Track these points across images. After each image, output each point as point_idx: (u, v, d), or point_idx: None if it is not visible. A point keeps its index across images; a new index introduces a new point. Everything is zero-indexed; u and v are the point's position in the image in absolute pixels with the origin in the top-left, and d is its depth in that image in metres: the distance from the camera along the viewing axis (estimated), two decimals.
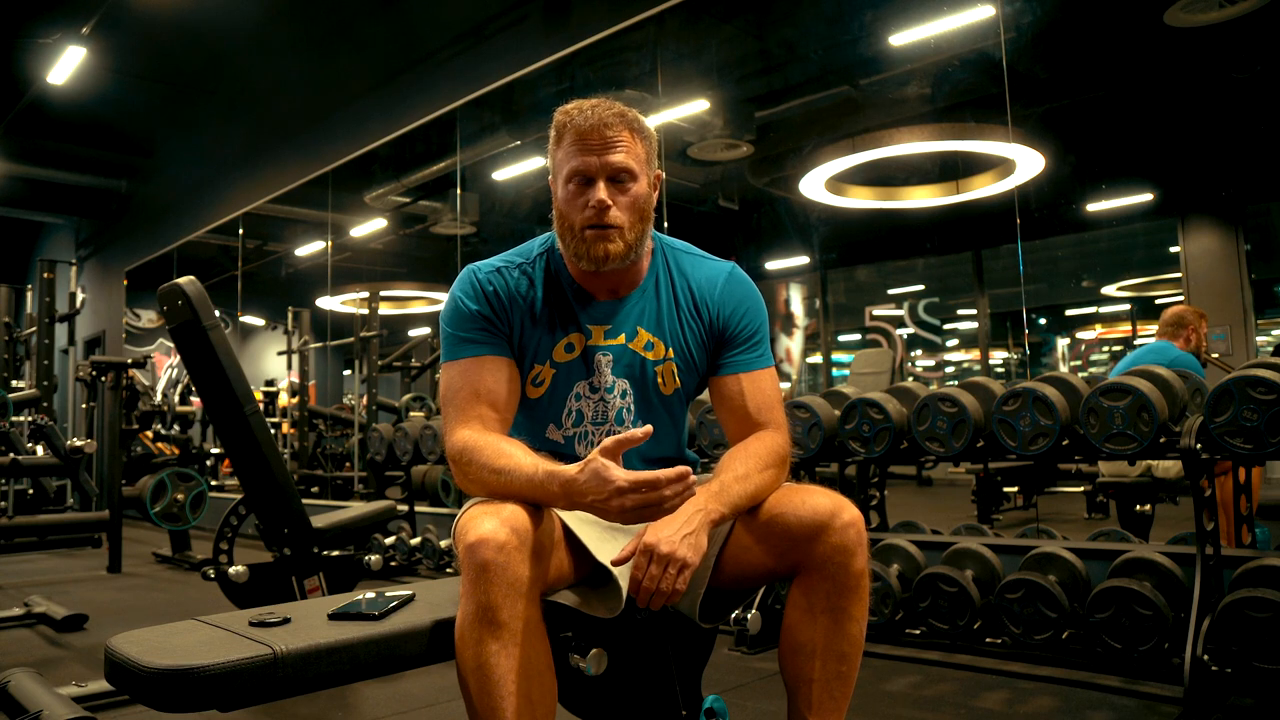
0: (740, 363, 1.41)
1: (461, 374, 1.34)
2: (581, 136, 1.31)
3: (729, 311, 1.42)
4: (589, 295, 1.40)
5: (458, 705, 1.25)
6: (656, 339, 1.41)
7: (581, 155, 1.31)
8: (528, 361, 1.39)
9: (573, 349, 1.39)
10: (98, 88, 7.60)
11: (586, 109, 1.33)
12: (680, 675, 1.38)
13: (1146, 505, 3.68)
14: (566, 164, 1.33)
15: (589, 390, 1.40)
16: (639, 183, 1.34)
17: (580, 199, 1.32)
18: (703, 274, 1.44)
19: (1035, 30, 4.44)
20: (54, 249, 11.47)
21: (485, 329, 1.35)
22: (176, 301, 2.43)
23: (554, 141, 1.36)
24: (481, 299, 1.36)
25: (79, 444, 4.82)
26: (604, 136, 1.31)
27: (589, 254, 1.32)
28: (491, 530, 1.10)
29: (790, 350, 10.49)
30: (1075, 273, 9.69)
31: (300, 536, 2.69)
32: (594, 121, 1.31)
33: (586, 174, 1.31)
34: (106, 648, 1.09)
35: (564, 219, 1.34)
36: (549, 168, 1.39)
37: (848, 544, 1.22)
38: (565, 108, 1.36)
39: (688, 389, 1.44)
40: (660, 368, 1.41)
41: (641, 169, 1.34)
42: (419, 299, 10.09)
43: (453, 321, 1.37)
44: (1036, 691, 2.35)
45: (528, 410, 1.41)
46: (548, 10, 5.09)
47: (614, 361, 1.39)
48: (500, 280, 1.38)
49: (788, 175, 7.17)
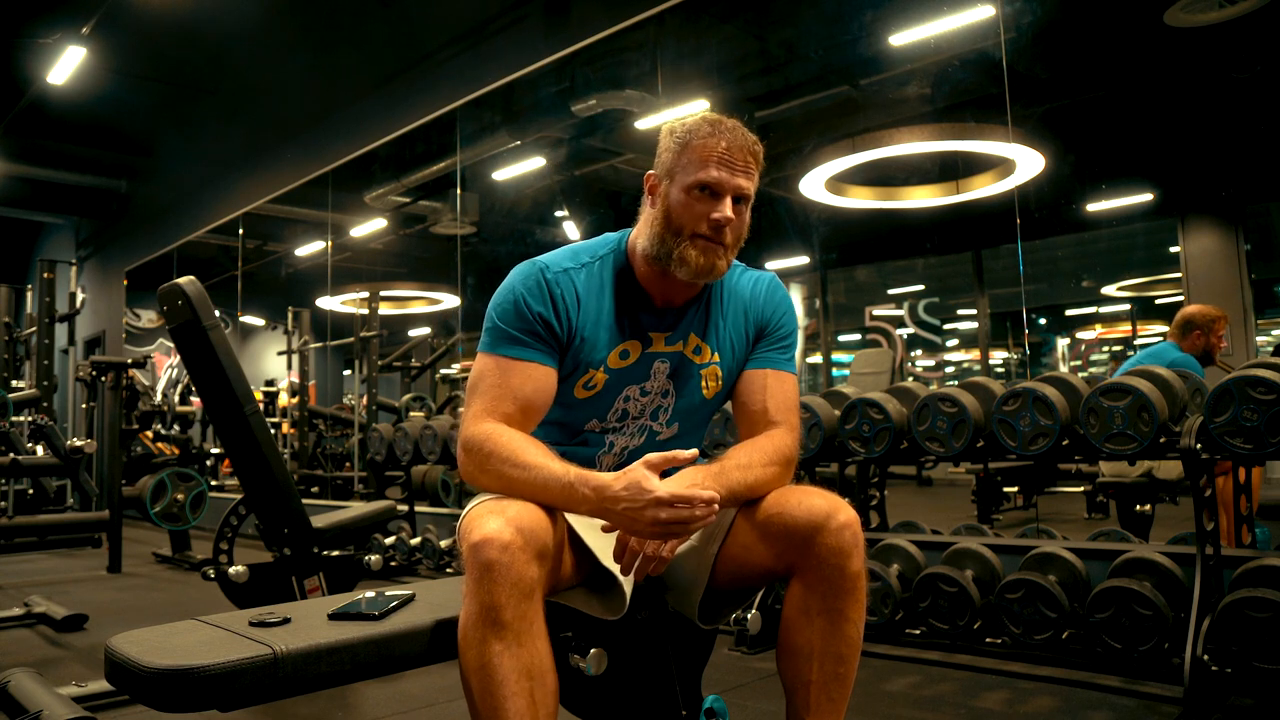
0: (768, 359, 1.45)
1: (499, 369, 1.32)
2: (727, 152, 1.32)
3: (769, 314, 1.46)
4: (650, 301, 1.41)
5: (458, 705, 1.25)
6: (706, 345, 1.43)
7: (719, 169, 1.32)
8: (582, 366, 1.37)
9: (628, 355, 1.39)
10: (98, 88, 7.60)
11: (730, 126, 1.34)
12: (680, 675, 1.38)
13: (1146, 505, 3.68)
14: (698, 171, 1.32)
15: (640, 394, 1.41)
16: (748, 213, 1.37)
17: (702, 208, 1.32)
18: (746, 281, 1.48)
19: (1035, 30, 4.44)
20: (54, 249, 11.47)
21: (540, 334, 1.33)
22: (176, 301, 2.43)
23: (681, 144, 1.35)
24: (547, 301, 1.34)
25: (79, 444, 4.82)
26: (745, 159, 1.33)
27: (696, 263, 1.32)
28: (496, 530, 1.10)
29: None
30: (1075, 273, 9.69)
31: (300, 536, 2.69)
32: (741, 143, 1.33)
33: (718, 189, 1.32)
34: (106, 648, 1.09)
35: (673, 221, 1.34)
36: (663, 166, 1.37)
37: (844, 545, 1.22)
38: (709, 117, 1.36)
39: (723, 394, 1.47)
40: (706, 371, 1.43)
41: (751, 201, 1.38)
42: (419, 299, 10.09)
43: (508, 316, 1.34)
44: (1036, 691, 2.35)
45: (572, 408, 1.41)
46: (548, 10, 5.09)
47: (670, 368, 1.42)
48: (568, 281, 1.37)
49: (788, 175, 7.18)
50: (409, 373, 8.00)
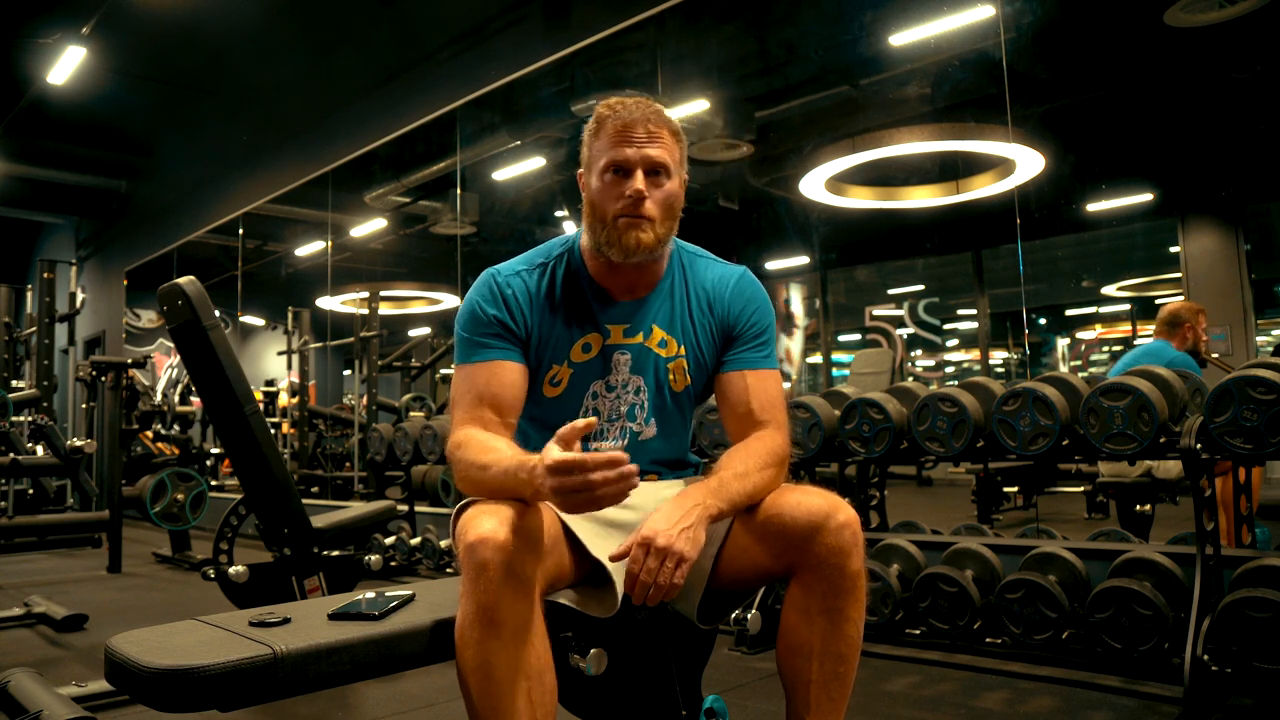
0: (746, 360, 1.43)
1: (470, 377, 1.35)
2: (624, 129, 1.33)
3: (738, 310, 1.44)
4: (608, 294, 1.41)
5: (458, 705, 1.25)
6: (670, 337, 1.42)
7: (622, 147, 1.33)
8: (546, 362, 1.39)
9: (590, 349, 1.40)
10: (98, 88, 7.60)
11: (629, 104, 1.35)
12: (680, 675, 1.38)
13: (1146, 505, 3.68)
14: (605, 155, 1.34)
15: (605, 389, 1.41)
16: (673, 180, 1.36)
17: (616, 189, 1.33)
18: (715, 275, 1.47)
19: (1035, 30, 4.44)
20: (54, 249, 11.46)
21: (499, 333, 1.36)
22: (176, 301, 2.43)
23: (592, 134, 1.38)
24: (499, 303, 1.37)
25: (79, 444, 4.82)
26: (646, 131, 1.33)
27: (620, 242, 1.33)
28: (492, 529, 1.10)
29: (790, 350, 10.49)
30: (1075, 273, 9.70)
31: (300, 536, 2.69)
32: (637, 116, 1.33)
33: (625, 165, 1.33)
34: (106, 648, 1.09)
35: (597, 209, 1.36)
36: (583, 160, 1.40)
37: (843, 545, 1.22)
38: (608, 101, 1.38)
39: (697, 387, 1.46)
40: (672, 365, 1.43)
41: (675, 168, 1.37)
42: (419, 299, 10.09)
43: (467, 325, 1.38)
44: (1036, 691, 2.35)
45: (544, 409, 1.42)
46: (548, 10, 5.09)
47: (631, 360, 1.41)
48: (519, 282, 1.39)
49: (788, 175, 7.17)
50: (409, 373, 8.00)
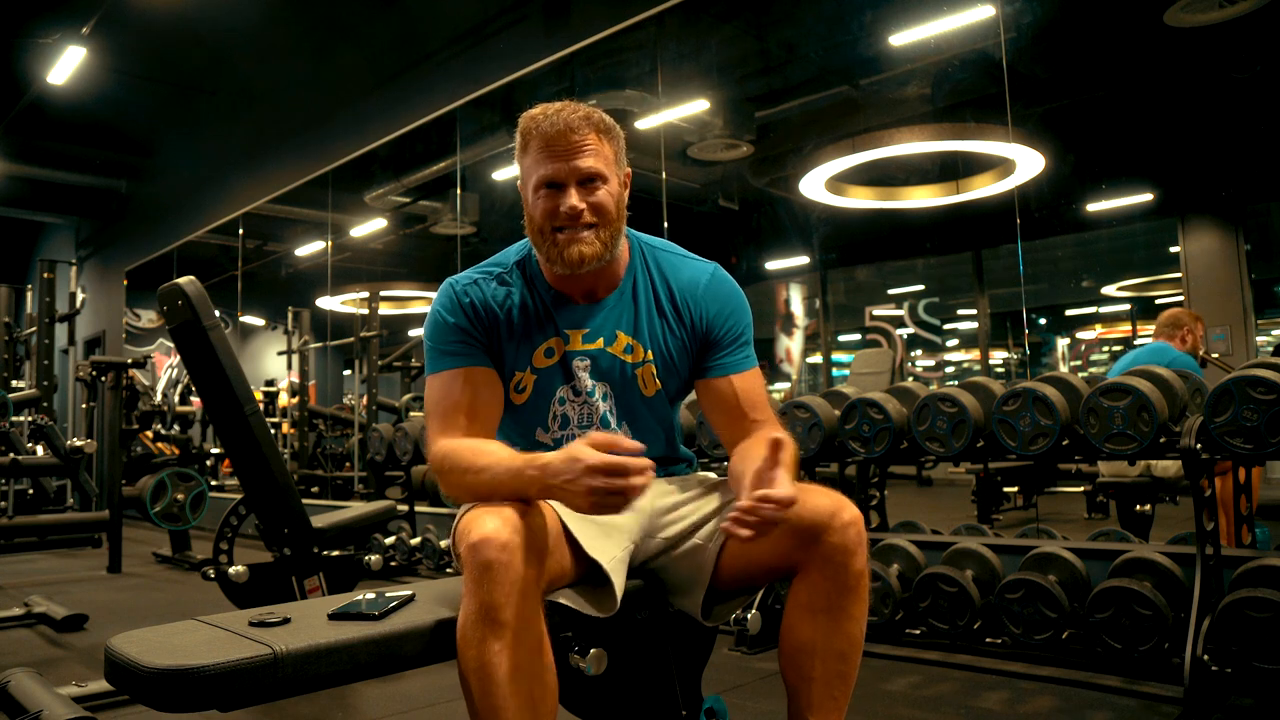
0: (729, 364, 1.41)
1: (441, 387, 1.35)
2: (548, 143, 1.30)
3: (713, 314, 1.42)
4: (566, 299, 1.40)
5: (458, 705, 1.25)
6: (636, 342, 1.40)
7: (550, 162, 1.30)
8: (509, 369, 1.39)
9: (552, 354, 1.39)
10: (98, 88, 7.60)
11: (551, 114, 1.31)
12: (680, 675, 1.38)
13: (1146, 505, 3.68)
14: (535, 172, 1.32)
15: (572, 394, 1.40)
16: (609, 184, 1.33)
17: (551, 205, 1.31)
18: (684, 275, 1.43)
19: (1035, 30, 4.45)
20: (54, 249, 11.46)
21: (464, 341, 1.35)
22: (176, 301, 2.43)
23: (520, 149, 1.35)
24: (459, 311, 1.36)
25: (79, 444, 4.82)
26: (570, 141, 1.30)
27: (563, 258, 1.32)
28: (494, 529, 1.10)
29: (790, 350, 10.50)
30: (1075, 273, 9.71)
31: (300, 536, 2.69)
32: (560, 127, 1.30)
33: (556, 180, 1.31)
34: (106, 648, 1.09)
35: (537, 224, 1.34)
36: (520, 176, 1.37)
37: (847, 544, 1.22)
38: (529, 113, 1.34)
39: (669, 390, 1.43)
40: (640, 370, 1.40)
41: (611, 170, 1.34)
42: (419, 299, 10.09)
43: (432, 335, 1.37)
44: (1036, 691, 2.35)
45: (515, 416, 1.41)
46: (548, 10, 5.09)
47: (591, 366, 1.39)
48: (477, 291, 1.38)
49: (788, 175, 7.17)
50: (409, 373, 8.00)
